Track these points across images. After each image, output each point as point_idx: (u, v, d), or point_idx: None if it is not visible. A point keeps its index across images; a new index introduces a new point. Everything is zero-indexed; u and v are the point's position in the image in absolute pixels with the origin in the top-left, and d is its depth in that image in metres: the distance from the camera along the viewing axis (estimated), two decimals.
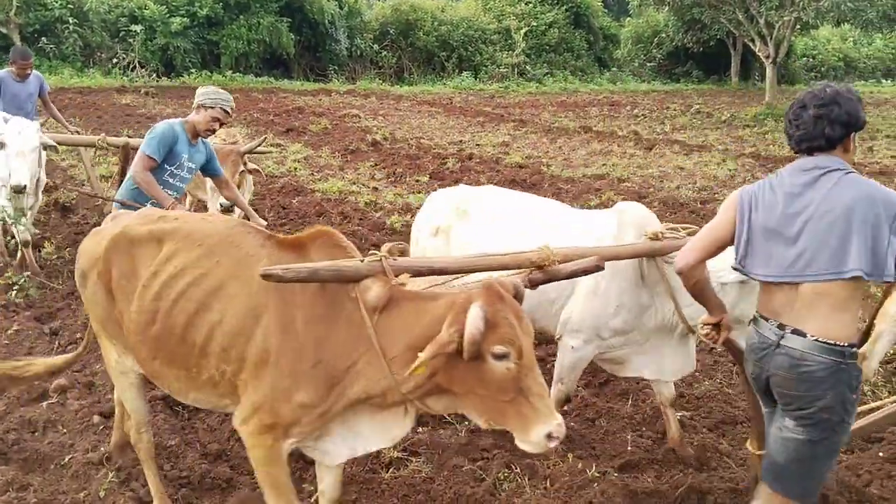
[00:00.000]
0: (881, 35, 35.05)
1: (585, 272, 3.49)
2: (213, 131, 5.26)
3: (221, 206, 5.81)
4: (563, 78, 31.76)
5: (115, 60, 24.86)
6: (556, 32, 32.76)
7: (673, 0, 24.51)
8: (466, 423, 4.72)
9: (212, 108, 5.13)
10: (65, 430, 4.48)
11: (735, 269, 3.16)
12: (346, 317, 2.96)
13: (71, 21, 24.17)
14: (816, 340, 2.85)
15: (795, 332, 2.90)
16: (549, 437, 2.66)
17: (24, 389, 4.94)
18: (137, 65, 24.91)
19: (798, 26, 23.35)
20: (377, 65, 29.92)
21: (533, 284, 3.39)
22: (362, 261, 2.98)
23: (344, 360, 2.93)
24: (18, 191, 6.31)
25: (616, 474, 4.12)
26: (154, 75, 24.83)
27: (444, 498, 3.95)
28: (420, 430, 4.62)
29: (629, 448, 4.47)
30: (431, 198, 5.05)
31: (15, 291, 6.51)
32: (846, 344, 2.86)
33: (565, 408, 4.94)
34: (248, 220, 5.36)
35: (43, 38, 24.00)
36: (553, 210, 4.54)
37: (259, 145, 7.13)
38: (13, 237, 7.42)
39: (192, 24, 25.85)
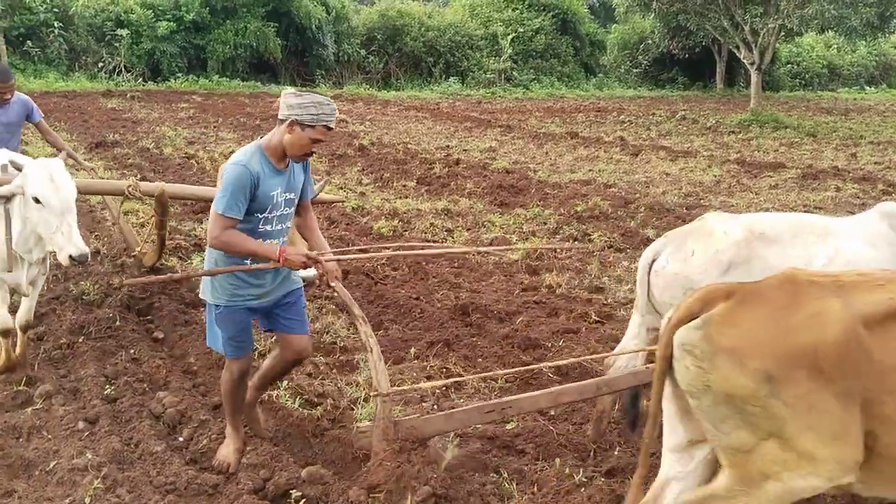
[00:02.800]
0: (865, 42, 35.33)
1: None
2: (311, 155, 3.99)
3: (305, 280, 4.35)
4: (550, 84, 31.91)
5: (100, 64, 24.81)
6: (543, 38, 32.92)
7: (659, 7, 24.63)
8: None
9: (311, 126, 3.76)
10: (50, 436, 4.44)
11: None
12: None
13: (56, 25, 24.10)
14: None
15: None
16: None
17: (8, 395, 4.91)
18: (123, 69, 24.85)
19: (782, 33, 23.55)
20: (364, 70, 29.97)
21: None
22: None
23: None
24: (83, 261, 4.63)
25: (603, 479, 4.13)
26: (140, 79, 24.77)
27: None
28: None
29: (616, 453, 4.48)
30: (688, 235, 4.18)
31: None
32: None
33: (552, 412, 4.95)
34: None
35: (28, 42, 23.90)
36: (821, 220, 4.24)
37: (321, 191, 5.60)
38: None
39: (179, 28, 25.85)
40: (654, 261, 4.21)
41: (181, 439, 4.49)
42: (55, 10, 24.42)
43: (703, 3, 23.20)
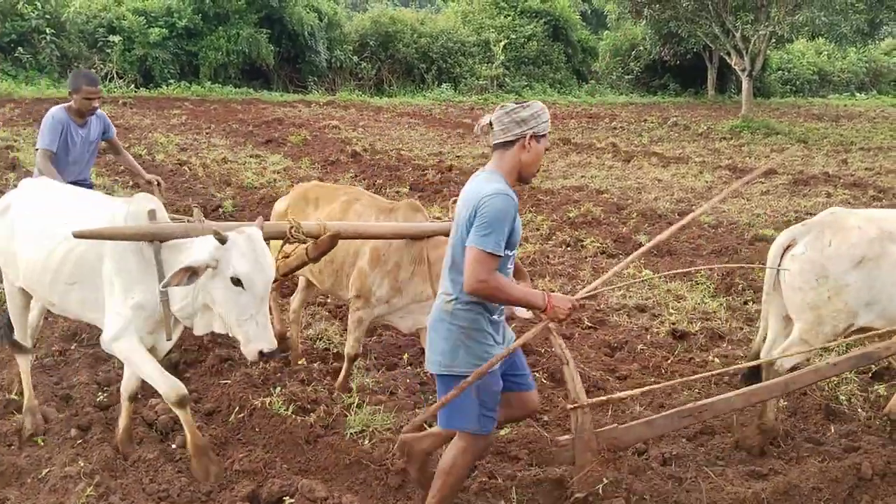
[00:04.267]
0: (855, 49, 35.52)
1: None
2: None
3: None
4: (542, 90, 31.95)
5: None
6: (535, 45, 32.98)
7: (650, 13, 24.73)
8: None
9: (544, 136, 3.39)
10: (42, 444, 4.43)
11: None
12: None
13: (48, 31, 24.04)
14: None
15: None
16: None
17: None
18: (115, 75, 24.80)
19: (773, 40, 23.65)
20: (357, 76, 29.96)
21: None
22: None
23: None
24: (272, 357, 3.96)
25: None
26: (132, 86, 24.73)
27: None
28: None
29: None
30: (826, 226, 4.45)
31: None
32: None
33: (545, 418, 4.96)
34: None
35: (19, 49, 23.84)
36: None
37: None
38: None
39: (171, 34, 25.80)
40: (789, 245, 4.53)
41: (174, 446, 4.48)
42: (47, 16, 24.35)
43: (694, 10, 23.30)
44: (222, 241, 3.64)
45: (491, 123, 3.37)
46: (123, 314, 3.91)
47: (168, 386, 3.95)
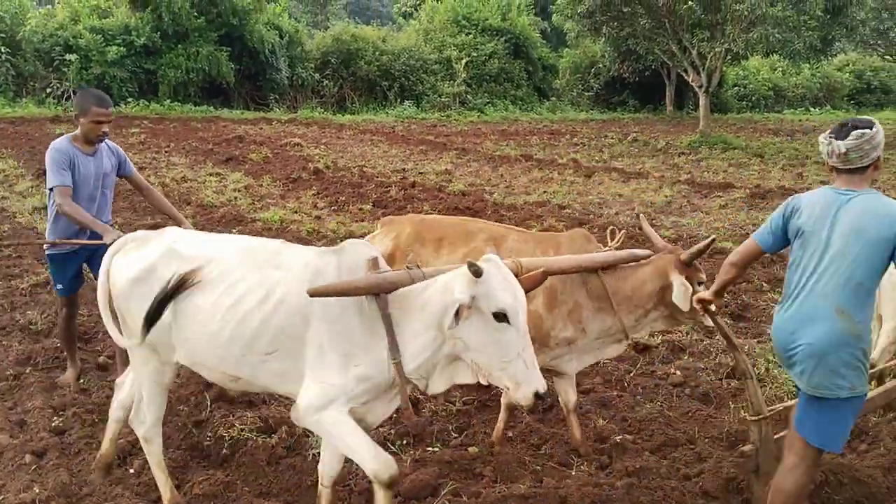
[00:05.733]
0: (808, 65, 36.27)
1: None
2: None
3: None
4: (504, 107, 32.18)
5: (48, 90, 24.38)
6: (497, 63, 33.24)
7: (609, 31, 25.02)
8: (412, 451, 4.69)
9: None
10: None
11: None
12: None
13: (3, 50, 23.70)
14: None
15: None
16: None
17: None
18: (72, 94, 24.46)
19: (729, 57, 24.07)
20: (319, 94, 29.92)
21: None
22: None
23: None
24: (547, 396, 3.34)
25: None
26: None
27: None
28: None
29: (574, 472, 4.49)
30: None
31: None
32: None
33: (509, 434, 4.95)
34: None
35: None
36: None
37: (708, 248, 4.32)
38: None
39: (129, 53, 25.54)
40: None
41: (132, 471, 4.39)
42: (2, 35, 24.01)
43: (651, 28, 23.64)
44: (478, 273, 3.13)
45: (846, 152, 3.35)
46: (339, 384, 3.37)
47: (380, 463, 3.38)
